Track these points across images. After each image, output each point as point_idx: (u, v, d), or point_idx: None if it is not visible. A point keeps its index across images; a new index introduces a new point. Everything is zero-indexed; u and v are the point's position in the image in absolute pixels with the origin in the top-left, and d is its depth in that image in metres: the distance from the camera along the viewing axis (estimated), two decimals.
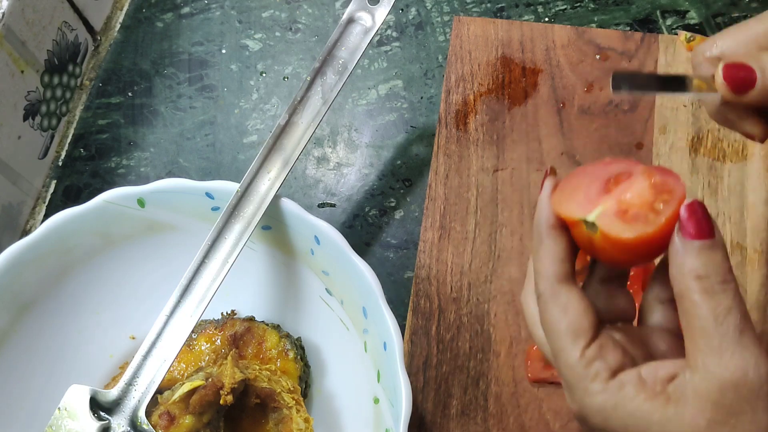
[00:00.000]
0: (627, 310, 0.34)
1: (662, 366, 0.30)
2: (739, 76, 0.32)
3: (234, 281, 0.47)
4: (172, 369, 0.47)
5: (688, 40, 0.58)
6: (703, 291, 0.28)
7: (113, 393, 0.43)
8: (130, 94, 0.64)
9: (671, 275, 0.30)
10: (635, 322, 0.35)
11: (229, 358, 0.45)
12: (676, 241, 0.29)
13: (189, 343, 0.49)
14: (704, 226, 0.29)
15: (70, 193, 0.61)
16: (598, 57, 0.60)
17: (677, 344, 0.31)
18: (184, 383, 0.45)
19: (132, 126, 0.63)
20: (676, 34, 0.61)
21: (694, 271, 0.28)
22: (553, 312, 0.32)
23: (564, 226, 0.33)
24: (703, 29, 0.62)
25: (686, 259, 0.29)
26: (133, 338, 0.52)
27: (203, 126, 0.63)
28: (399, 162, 0.60)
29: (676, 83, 0.35)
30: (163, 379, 0.43)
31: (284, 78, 0.64)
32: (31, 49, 0.58)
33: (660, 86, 0.36)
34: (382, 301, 0.42)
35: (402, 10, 0.66)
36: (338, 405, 0.50)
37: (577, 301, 0.32)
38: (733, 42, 0.35)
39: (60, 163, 0.63)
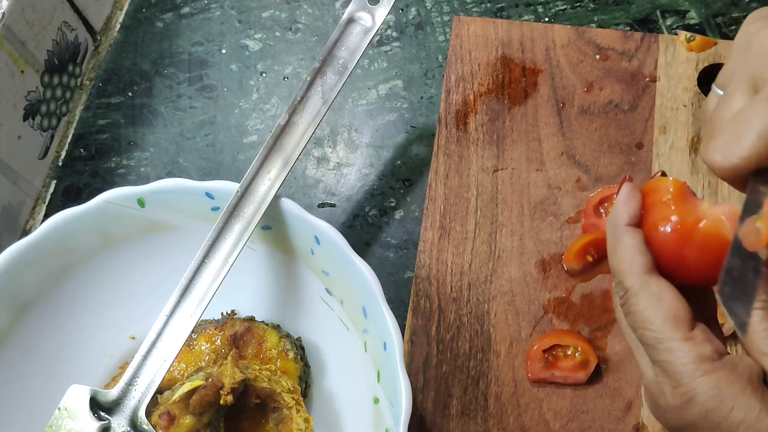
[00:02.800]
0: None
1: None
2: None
3: (234, 281, 0.47)
4: (172, 369, 0.47)
5: (688, 40, 0.58)
6: (761, 309, 0.29)
7: (113, 393, 0.43)
8: (130, 94, 0.64)
9: (745, 344, 0.30)
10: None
11: (229, 358, 0.45)
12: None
13: (189, 343, 0.49)
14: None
15: (70, 193, 0.61)
16: (598, 57, 0.60)
17: None
18: (184, 383, 0.45)
19: (132, 126, 0.63)
20: (676, 34, 0.61)
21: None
22: (646, 303, 0.31)
23: (639, 225, 0.33)
24: (703, 29, 0.62)
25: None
26: (133, 338, 0.52)
27: (203, 126, 0.63)
28: (399, 162, 0.60)
29: None
30: (163, 379, 0.43)
31: (284, 78, 0.64)
32: (31, 49, 0.58)
33: None
34: (382, 301, 0.42)
35: (402, 10, 0.66)
36: (338, 405, 0.50)
37: (669, 289, 0.31)
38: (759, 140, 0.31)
39: (60, 163, 0.63)
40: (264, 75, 0.64)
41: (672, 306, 0.31)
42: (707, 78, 0.59)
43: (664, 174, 0.35)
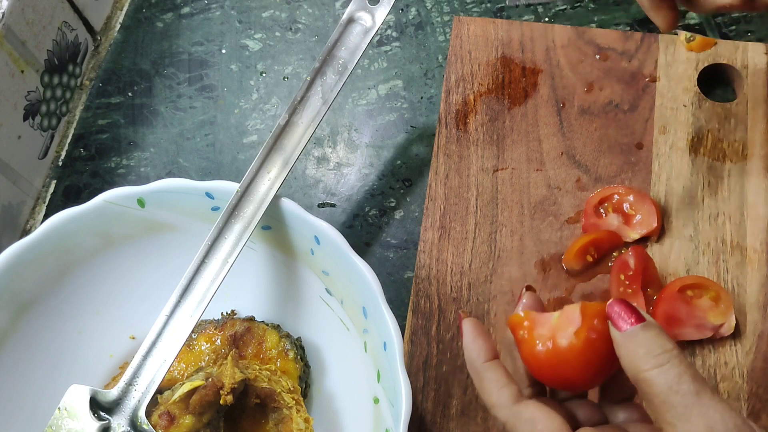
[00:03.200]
0: (591, 416, 0.36)
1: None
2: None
3: (234, 281, 0.47)
4: (172, 369, 0.47)
5: (688, 40, 0.58)
6: (651, 367, 0.30)
7: (113, 393, 0.43)
8: (130, 94, 0.64)
9: (624, 367, 0.32)
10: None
11: (229, 358, 0.45)
12: (616, 336, 0.32)
13: (189, 343, 0.49)
14: (630, 314, 0.32)
15: (70, 193, 0.61)
16: (598, 57, 0.60)
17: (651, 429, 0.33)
18: (184, 383, 0.45)
19: (132, 126, 0.63)
20: (676, 34, 0.61)
21: (636, 353, 0.31)
22: (524, 430, 0.33)
23: (498, 356, 0.35)
24: (703, 29, 0.62)
25: (628, 345, 0.31)
26: (133, 338, 0.52)
27: (203, 126, 0.63)
28: (399, 162, 0.60)
29: None
30: (163, 379, 0.43)
31: (284, 78, 0.64)
32: (31, 49, 0.58)
33: None
34: (382, 301, 0.42)
35: (402, 10, 0.66)
36: (338, 405, 0.50)
37: (540, 410, 0.33)
38: None
39: (60, 163, 0.63)
40: (264, 75, 0.64)
41: (546, 427, 0.32)
42: (707, 78, 0.59)
43: (529, 288, 0.38)
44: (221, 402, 0.44)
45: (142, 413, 0.43)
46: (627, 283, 0.51)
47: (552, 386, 0.36)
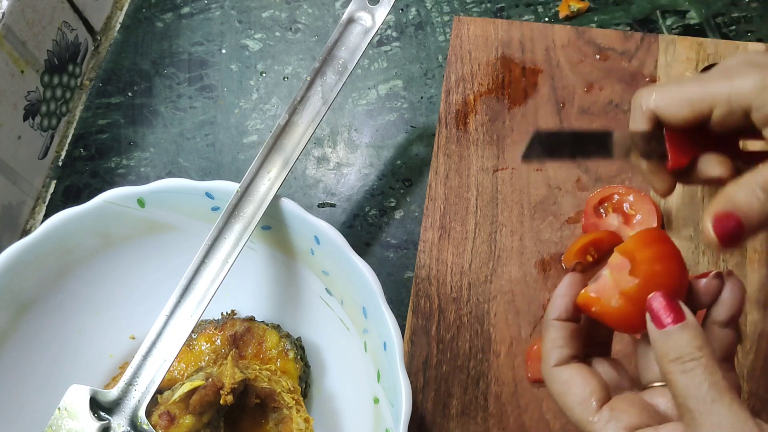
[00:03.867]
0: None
1: (675, 428, 0.32)
2: (729, 228, 0.33)
3: (234, 281, 0.47)
4: (172, 369, 0.47)
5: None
6: (678, 371, 0.31)
7: (113, 393, 0.43)
8: (130, 94, 0.64)
9: (656, 359, 0.33)
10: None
11: (229, 358, 0.45)
12: (652, 330, 0.33)
13: (189, 343, 0.49)
14: (669, 312, 0.32)
15: (70, 193, 0.61)
16: (598, 57, 0.60)
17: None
18: (184, 383, 0.45)
19: (132, 126, 0.63)
20: (677, 34, 0.61)
21: (667, 355, 0.32)
22: (558, 389, 0.35)
23: (568, 318, 0.36)
24: (703, 29, 0.62)
25: (661, 344, 0.32)
26: (133, 338, 0.52)
27: (203, 126, 0.63)
28: (399, 162, 0.60)
29: (600, 143, 0.37)
30: (163, 379, 0.43)
31: (284, 78, 0.64)
32: (31, 49, 0.58)
33: (579, 149, 0.37)
34: (382, 301, 0.42)
35: (402, 10, 0.66)
36: (338, 405, 0.50)
37: (578, 374, 0.35)
38: (669, 101, 0.37)
39: (60, 163, 0.63)
40: (264, 75, 0.64)
41: (580, 392, 0.34)
42: None
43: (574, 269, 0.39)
44: (221, 402, 0.44)
45: (142, 413, 0.43)
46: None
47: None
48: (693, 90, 0.36)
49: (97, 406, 0.43)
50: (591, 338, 0.38)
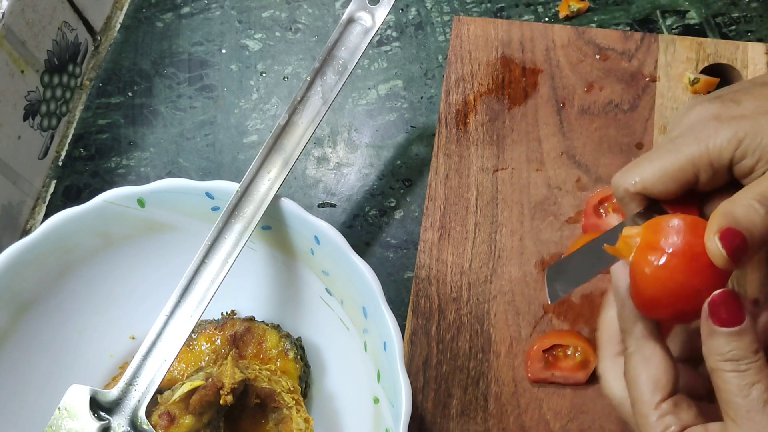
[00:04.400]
0: (698, 389, 0.37)
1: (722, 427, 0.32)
2: (737, 244, 0.31)
3: (234, 281, 0.47)
4: (172, 369, 0.47)
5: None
6: (731, 370, 0.31)
7: (113, 393, 0.43)
8: (130, 94, 0.64)
9: (705, 355, 0.32)
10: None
11: (229, 358, 0.45)
12: (707, 325, 0.32)
13: (189, 343, 0.49)
14: (734, 314, 0.31)
15: (70, 193, 0.61)
16: (598, 57, 0.60)
17: None
18: (184, 383, 0.45)
19: (132, 126, 0.63)
20: (677, 34, 0.61)
21: (723, 355, 0.31)
22: (636, 363, 0.34)
23: None
24: (703, 29, 0.62)
25: (717, 342, 0.32)
26: (133, 338, 0.52)
27: (203, 126, 0.63)
28: (399, 162, 0.60)
29: (605, 257, 0.36)
30: (163, 379, 0.43)
31: (284, 78, 0.64)
32: (31, 49, 0.58)
33: (596, 260, 0.36)
34: (382, 301, 0.42)
35: (402, 10, 0.66)
36: (338, 405, 0.50)
37: (661, 356, 0.34)
38: (653, 179, 0.36)
39: (60, 163, 0.63)
40: (264, 75, 0.64)
41: (656, 372, 0.34)
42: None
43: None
44: (221, 402, 0.44)
45: (142, 413, 0.43)
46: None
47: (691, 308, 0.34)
48: (672, 162, 0.36)
49: (97, 406, 0.43)
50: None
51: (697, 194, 0.37)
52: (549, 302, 0.36)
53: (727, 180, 0.36)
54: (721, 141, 0.35)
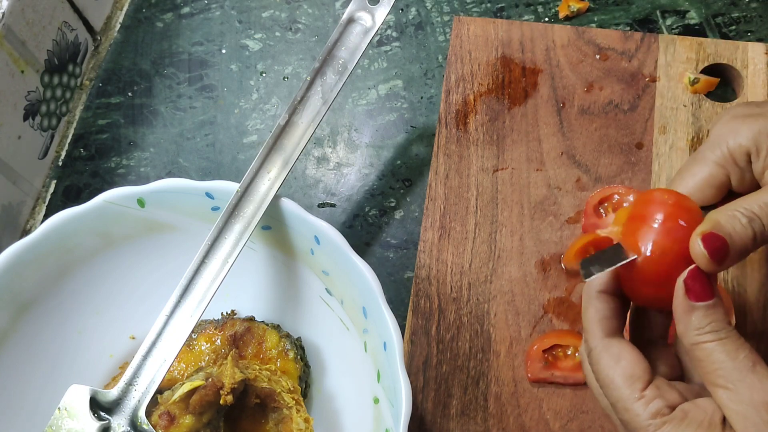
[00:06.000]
0: (674, 366, 0.38)
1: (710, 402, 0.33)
2: (717, 246, 0.34)
3: (234, 281, 0.47)
4: (172, 369, 0.47)
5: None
6: (713, 339, 0.33)
7: (113, 393, 0.43)
8: (130, 94, 0.64)
9: (680, 332, 0.34)
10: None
11: (229, 358, 0.45)
12: (681, 304, 0.33)
13: (189, 343, 0.49)
14: (707, 289, 0.33)
15: (70, 193, 0.61)
16: (598, 57, 0.60)
17: None
18: (184, 383, 0.45)
19: (132, 126, 0.63)
20: (677, 34, 0.61)
21: (702, 328, 0.33)
22: (606, 362, 0.35)
23: (611, 292, 0.37)
24: (703, 29, 0.62)
25: (695, 317, 0.33)
26: (133, 338, 0.52)
27: (203, 126, 0.63)
28: (399, 162, 0.60)
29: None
30: (163, 379, 0.43)
31: (284, 78, 0.64)
32: (31, 49, 0.58)
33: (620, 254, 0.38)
34: (382, 301, 0.42)
35: (402, 10, 0.66)
36: (338, 405, 0.50)
37: (629, 350, 0.35)
38: (688, 187, 0.38)
39: (60, 163, 0.63)
40: (264, 75, 0.64)
41: (629, 366, 0.35)
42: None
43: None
44: (221, 402, 0.44)
45: (142, 413, 0.43)
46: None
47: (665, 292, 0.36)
48: (701, 169, 0.38)
49: (97, 406, 0.43)
50: (646, 331, 0.39)
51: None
52: (584, 280, 0.37)
53: (754, 182, 0.37)
54: (739, 138, 0.37)
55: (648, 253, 0.34)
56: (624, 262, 0.35)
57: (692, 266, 0.33)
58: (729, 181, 0.37)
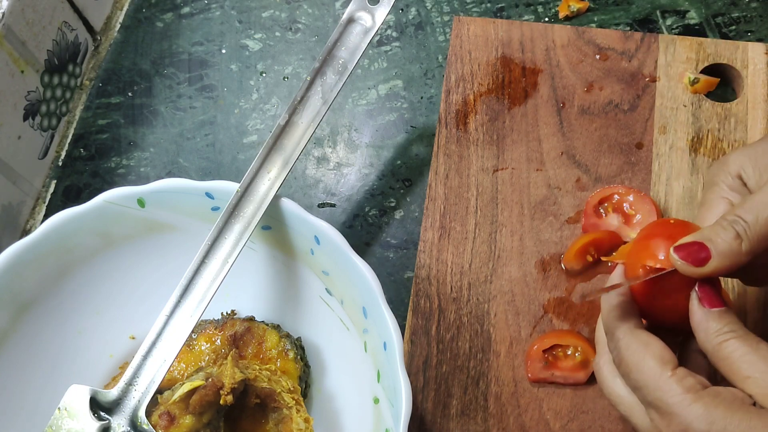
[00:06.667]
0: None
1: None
2: (692, 251, 0.36)
3: (234, 281, 0.47)
4: (172, 369, 0.47)
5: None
6: (733, 338, 0.34)
7: (113, 393, 0.43)
8: (130, 94, 0.64)
9: (701, 341, 0.35)
10: None
11: (229, 358, 0.45)
12: (697, 311, 0.36)
13: (189, 343, 0.49)
14: (719, 296, 0.36)
15: (70, 193, 0.61)
16: (598, 57, 0.60)
17: None
18: (184, 383, 0.45)
19: (132, 126, 0.63)
20: (677, 34, 0.61)
21: (721, 329, 0.35)
22: (636, 349, 0.36)
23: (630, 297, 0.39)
24: (703, 29, 0.62)
25: (712, 322, 0.35)
26: (133, 338, 0.52)
27: (203, 126, 0.63)
28: (399, 162, 0.60)
29: None
30: (163, 379, 0.43)
31: (284, 78, 0.64)
32: (31, 49, 0.58)
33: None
34: (382, 301, 0.42)
35: (402, 10, 0.66)
36: (338, 405, 0.50)
37: (655, 338, 0.37)
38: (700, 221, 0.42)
39: (60, 163, 0.63)
40: (264, 75, 0.64)
41: (659, 350, 0.36)
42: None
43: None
44: (221, 402, 0.44)
45: (142, 413, 0.43)
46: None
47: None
48: (716, 207, 0.41)
49: (97, 406, 0.43)
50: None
51: None
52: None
53: None
54: (730, 167, 0.41)
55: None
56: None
57: (702, 279, 0.36)
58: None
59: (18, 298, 0.46)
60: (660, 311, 0.39)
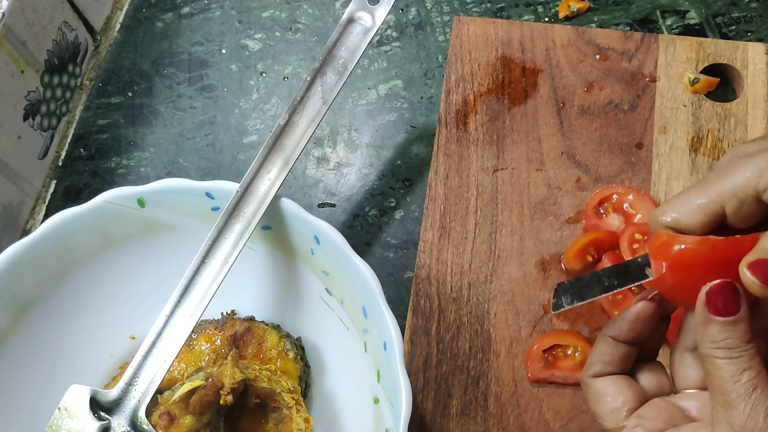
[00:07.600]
0: (663, 384, 0.39)
1: (698, 427, 0.34)
2: (766, 271, 0.33)
3: (234, 281, 0.47)
4: (172, 369, 0.47)
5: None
6: (723, 357, 0.33)
7: (113, 393, 0.43)
8: (130, 94, 0.64)
9: (697, 339, 0.34)
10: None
11: (229, 358, 0.45)
12: (703, 313, 0.33)
13: (189, 343, 0.49)
14: (730, 304, 0.33)
15: (70, 193, 0.61)
16: (598, 57, 0.60)
17: (706, 406, 0.36)
18: (184, 383, 0.45)
19: (132, 126, 0.63)
20: (677, 34, 0.61)
21: (716, 342, 0.33)
22: (591, 398, 0.37)
23: (625, 341, 0.37)
24: (703, 29, 0.62)
25: (711, 330, 0.33)
26: (133, 338, 0.52)
27: (203, 126, 0.63)
28: (399, 162, 0.60)
29: (627, 274, 0.38)
30: (163, 379, 0.43)
31: (284, 78, 0.64)
32: (31, 49, 0.58)
33: (606, 285, 0.38)
34: (382, 301, 0.42)
35: (402, 10, 0.66)
36: (338, 405, 0.50)
37: (611, 385, 0.37)
38: (683, 212, 0.38)
39: (60, 163, 0.63)
40: (264, 75, 0.64)
41: (612, 401, 0.36)
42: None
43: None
44: (221, 402, 0.44)
45: (142, 413, 0.43)
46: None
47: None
48: (698, 196, 0.38)
49: (97, 406, 0.43)
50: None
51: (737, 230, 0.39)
52: (552, 311, 0.38)
53: (756, 212, 0.37)
54: (744, 172, 0.37)
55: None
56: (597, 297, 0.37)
57: (718, 281, 0.33)
58: (723, 213, 0.37)
59: (18, 298, 0.46)
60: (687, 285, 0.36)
